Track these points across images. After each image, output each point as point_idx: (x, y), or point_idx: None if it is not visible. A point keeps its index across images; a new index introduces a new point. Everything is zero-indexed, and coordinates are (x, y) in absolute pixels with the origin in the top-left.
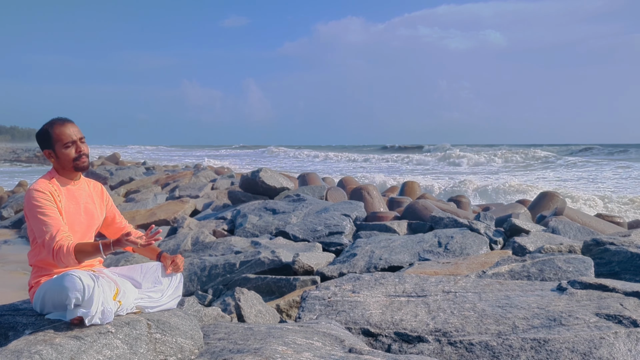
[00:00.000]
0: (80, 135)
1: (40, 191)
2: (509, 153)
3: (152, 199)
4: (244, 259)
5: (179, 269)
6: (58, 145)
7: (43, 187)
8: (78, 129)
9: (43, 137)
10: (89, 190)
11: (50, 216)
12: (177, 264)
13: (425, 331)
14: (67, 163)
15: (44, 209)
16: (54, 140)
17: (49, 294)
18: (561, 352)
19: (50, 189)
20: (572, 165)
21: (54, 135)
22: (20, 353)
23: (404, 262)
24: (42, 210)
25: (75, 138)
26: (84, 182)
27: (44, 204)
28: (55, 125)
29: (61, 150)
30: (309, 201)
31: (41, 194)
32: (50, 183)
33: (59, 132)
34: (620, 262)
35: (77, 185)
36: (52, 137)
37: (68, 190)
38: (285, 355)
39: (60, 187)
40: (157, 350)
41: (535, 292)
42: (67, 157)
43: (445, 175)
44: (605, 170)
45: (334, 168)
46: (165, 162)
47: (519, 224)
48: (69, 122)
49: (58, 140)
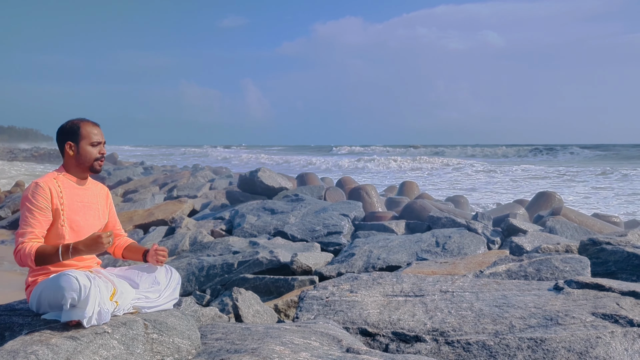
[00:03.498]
0: (104, 140)
1: (42, 187)
2: (422, 160)
3: (150, 198)
4: (242, 259)
5: (159, 259)
6: (85, 141)
7: (45, 182)
8: (103, 134)
9: (70, 130)
10: (95, 192)
11: (35, 217)
12: (158, 254)
13: (423, 331)
14: (87, 161)
15: (33, 209)
16: (82, 136)
17: (45, 293)
18: (558, 352)
19: (53, 185)
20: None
21: (84, 131)
22: (17, 353)
23: (402, 262)
24: (31, 208)
25: (102, 140)
26: (91, 183)
27: (37, 204)
28: (87, 123)
29: (86, 147)
30: (308, 201)
31: (41, 190)
32: (56, 179)
33: (90, 129)
34: (616, 261)
35: (83, 184)
36: (80, 131)
37: (74, 188)
38: (282, 355)
39: (66, 184)
40: (154, 350)
41: (532, 291)
42: (90, 155)
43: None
44: (497, 175)
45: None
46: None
47: (517, 223)
48: (98, 125)
49: (86, 136)
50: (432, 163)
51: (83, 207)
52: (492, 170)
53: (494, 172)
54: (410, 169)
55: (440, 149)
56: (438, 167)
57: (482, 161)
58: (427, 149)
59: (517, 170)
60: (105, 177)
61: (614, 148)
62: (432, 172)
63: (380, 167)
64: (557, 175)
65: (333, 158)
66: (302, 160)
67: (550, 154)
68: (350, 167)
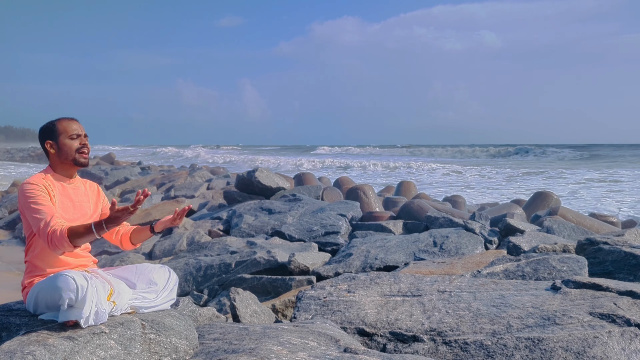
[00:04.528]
0: (85, 132)
1: (33, 183)
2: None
3: (147, 199)
4: (239, 259)
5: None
6: (62, 136)
7: (36, 180)
8: (83, 128)
9: (47, 129)
10: (85, 189)
11: (43, 204)
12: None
13: (421, 331)
14: (69, 154)
15: (37, 199)
16: (59, 132)
17: (42, 294)
18: (555, 351)
19: (44, 182)
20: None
21: (60, 127)
22: (14, 354)
23: (400, 262)
24: (35, 200)
25: (81, 132)
26: (79, 182)
27: (37, 194)
28: (62, 119)
29: (65, 140)
30: (305, 201)
31: (34, 185)
32: (45, 178)
33: (66, 124)
34: (614, 261)
35: (72, 183)
36: (57, 128)
37: (63, 187)
38: (280, 355)
39: (55, 183)
40: (151, 350)
41: (530, 291)
42: (70, 148)
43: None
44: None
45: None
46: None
47: (514, 223)
48: (75, 120)
49: (63, 131)
50: (375, 165)
51: (73, 206)
52: (446, 172)
53: (443, 172)
54: (367, 171)
55: (421, 149)
56: (391, 168)
57: (447, 162)
58: (405, 149)
59: (480, 170)
60: (102, 177)
61: (594, 148)
62: (385, 173)
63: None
64: (503, 176)
65: (311, 158)
66: (276, 160)
67: (520, 154)
68: (309, 167)
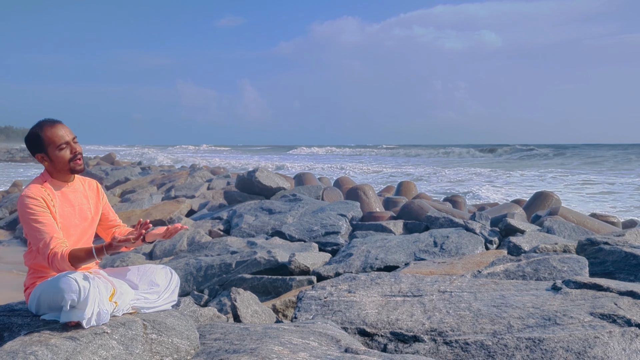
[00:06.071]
0: (73, 135)
1: (32, 197)
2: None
3: (147, 199)
4: (240, 259)
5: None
6: (51, 148)
7: (35, 193)
8: (69, 129)
9: (34, 141)
10: (84, 190)
11: (43, 223)
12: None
13: (421, 331)
14: (63, 166)
15: (37, 216)
16: (46, 143)
17: (44, 295)
18: (556, 352)
19: (43, 194)
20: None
21: (46, 138)
22: (16, 354)
23: (400, 262)
24: (35, 217)
25: (69, 139)
26: (78, 182)
27: (37, 210)
28: (46, 127)
29: (55, 153)
30: (305, 201)
31: (33, 200)
32: (43, 187)
33: (51, 134)
34: (614, 261)
35: (71, 186)
36: (43, 140)
37: (62, 193)
38: (281, 355)
39: (54, 191)
40: (153, 350)
41: (530, 291)
42: (62, 160)
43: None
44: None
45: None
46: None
47: (514, 223)
48: (59, 123)
49: (51, 142)
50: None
51: (74, 211)
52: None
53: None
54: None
55: (411, 150)
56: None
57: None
58: (393, 149)
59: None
60: (103, 178)
61: (594, 148)
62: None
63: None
64: (503, 176)
65: (288, 160)
66: (256, 163)
67: (520, 152)
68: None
